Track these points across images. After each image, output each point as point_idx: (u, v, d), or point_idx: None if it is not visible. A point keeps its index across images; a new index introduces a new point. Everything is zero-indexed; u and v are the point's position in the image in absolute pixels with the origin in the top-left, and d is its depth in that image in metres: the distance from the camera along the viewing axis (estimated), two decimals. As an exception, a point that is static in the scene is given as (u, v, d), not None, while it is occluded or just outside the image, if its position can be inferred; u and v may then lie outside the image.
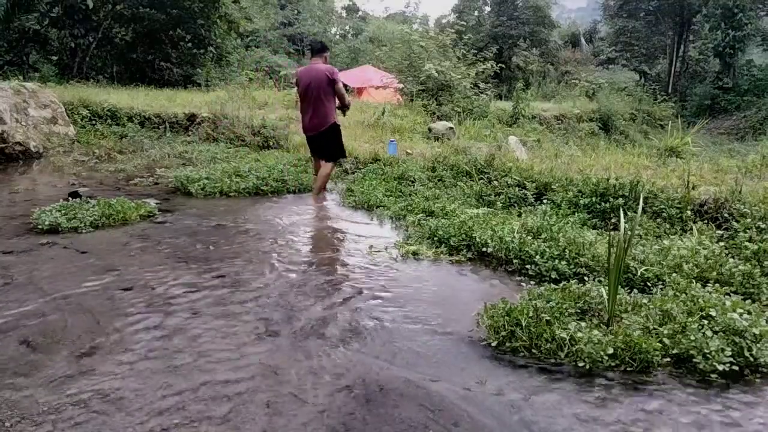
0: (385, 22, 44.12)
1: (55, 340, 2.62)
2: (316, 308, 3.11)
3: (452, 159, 6.86)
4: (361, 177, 6.75)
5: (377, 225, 5.05)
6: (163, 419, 2.05)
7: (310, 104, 5.83)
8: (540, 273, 3.63)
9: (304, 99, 5.88)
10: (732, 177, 5.73)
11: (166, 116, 10.28)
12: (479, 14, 35.12)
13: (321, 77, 5.72)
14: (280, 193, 6.20)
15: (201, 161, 7.65)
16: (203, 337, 2.71)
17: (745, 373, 2.47)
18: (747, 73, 27.12)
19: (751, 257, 3.61)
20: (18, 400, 2.14)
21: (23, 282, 3.33)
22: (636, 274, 3.42)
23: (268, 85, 15.84)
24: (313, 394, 2.25)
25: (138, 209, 4.95)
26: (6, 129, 7.55)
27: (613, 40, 32.55)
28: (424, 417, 2.12)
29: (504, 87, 24.25)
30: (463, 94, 14.22)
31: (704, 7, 26.96)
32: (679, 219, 4.59)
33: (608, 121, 19.37)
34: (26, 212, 4.86)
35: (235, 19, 17.75)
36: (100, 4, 15.40)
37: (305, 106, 5.90)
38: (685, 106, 27.10)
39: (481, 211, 4.91)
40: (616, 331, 2.68)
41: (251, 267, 3.76)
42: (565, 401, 2.27)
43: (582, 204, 5.02)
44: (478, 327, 2.86)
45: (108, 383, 2.27)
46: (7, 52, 15.05)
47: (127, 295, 3.18)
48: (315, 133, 5.95)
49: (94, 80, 14.78)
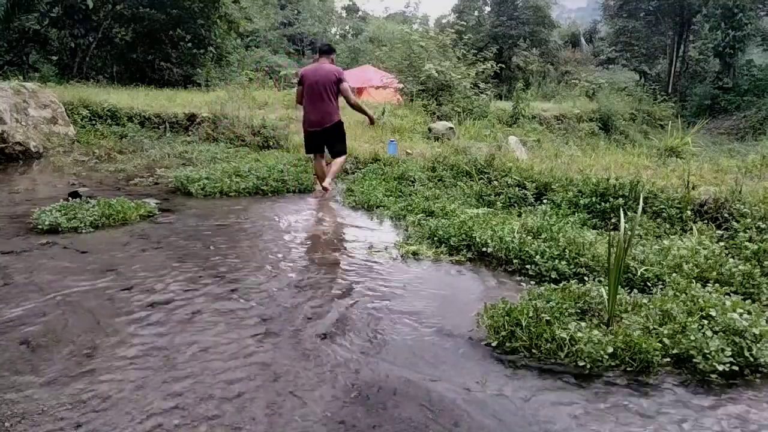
0: (385, 22, 44.14)
1: (55, 340, 2.62)
2: (316, 308, 3.11)
3: (452, 159, 6.86)
4: (361, 177, 6.76)
5: (377, 225, 5.05)
6: (163, 419, 2.05)
7: (315, 101, 5.95)
8: (540, 273, 3.63)
9: (309, 96, 5.98)
10: (732, 177, 5.73)
11: (166, 116, 10.27)
12: (479, 14, 35.13)
13: (329, 77, 5.90)
14: (280, 193, 6.20)
15: (201, 161, 7.65)
16: (203, 337, 2.71)
17: (745, 373, 2.47)
18: (747, 73, 27.13)
19: (751, 257, 3.61)
20: (18, 400, 2.14)
21: (23, 282, 3.33)
22: (636, 274, 3.42)
23: (268, 85, 15.84)
24: (313, 394, 2.25)
25: (138, 209, 4.95)
26: (6, 129, 7.56)
27: (613, 40, 32.55)
28: (424, 417, 2.12)
29: (504, 87, 24.25)
30: (463, 94, 14.21)
31: (704, 7, 26.96)
32: (679, 219, 4.59)
33: (608, 121, 19.36)
34: (26, 212, 4.86)
35: (235, 19, 17.75)
36: (100, 4, 15.40)
37: (310, 103, 6.00)
38: (685, 106, 27.10)
39: (481, 211, 4.91)
40: (616, 331, 2.68)
41: (251, 267, 3.76)
42: (564, 401, 2.27)
43: (582, 204, 5.02)
44: (478, 327, 2.86)
45: (108, 383, 2.28)
46: (7, 52, 15.05)
47: (127, 295, 3.18)
48: (319, 128, 6.04)
49: (94, 80, 14.78)
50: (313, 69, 6.07)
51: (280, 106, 12.04)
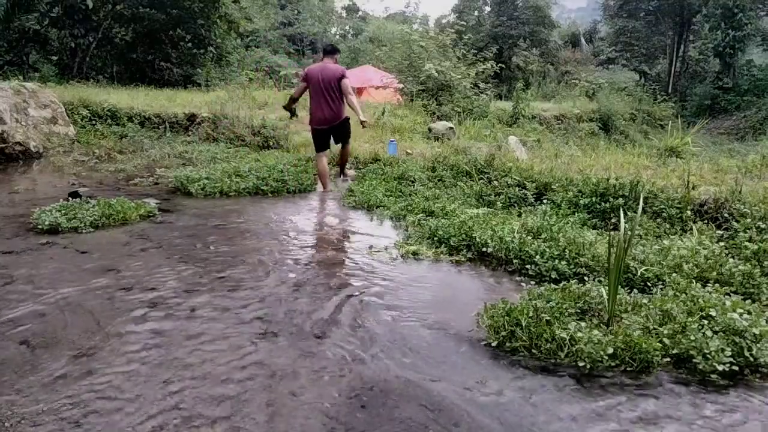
0: (385, 22, 44.13)
1: (55, 340, 2.62)
2: (316, 308, 3.11)
3: (452, 159, 6.86)
4: (361, 177, 6.76)
5: (377, 225, 5.05)
6: (163, 419, 2.05)
7: (322, 99, 6.17)
8: (540, 273, 3.63)
9: (315, 95, 6.21)
10: (732, 177, 5.73)
11: (166, 116, 10.28)
12: (479, 14, 35.11)
13: (334, 75, 6.15)
14: (280, 193, 6.20)
15: (201, 161, 7.65)
16: (203, 337, 2.71)
17: (745, 373, 2.47)
18: (747, 73, 27.11)
19: (751, 257, 3.61)
20: (18, 400, 2.14)
21: (23, 282, 3.33)
22: (636, 274, 3.42)
23: (268, 85, 15.83)
24: (312, 394, 2.25)
25: (138, 209, 4.94)
26: (6, 129, 7.56)
27: (613, 40, 32.53)
28: (424, 417, 2.12)
29: (504, 87, 24.24)
30: (463, 94, 14.21)
31: (704, 7, 26.95)
32: (679, 219, 4.59)
33: (608, 121, 19.36)
34: (26, 212, 4.86)
35: (235, 19, 17.75)
36: (100, 4, 15.40)
37: (315, 102, 6.22)
38: (685, 106, 27.09)
39: (481, 211, 4.91)
40: (616, 331, 2.68)
41: (251, 267, 3.76)
42: (565, 401, 2.27)
43: (582, 204, 5.02)
44: (478, 327, 2.86)
45: (108, 383, 2.28)
46: (7, 52, 15.05)
47: (127, 295, 3.18)
48: (326, 126, 6.29)
49: (94, 80, 14.77)
50: (318, 68, 6.25)
51: (280, 106, 12.03)
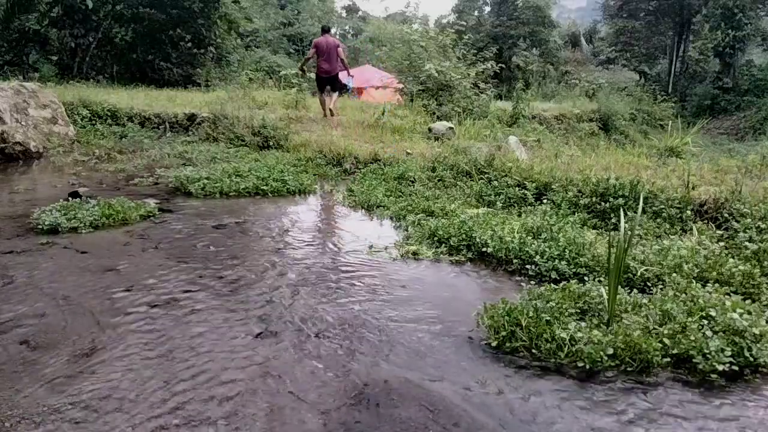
0: (385, 22, 44.04)
1: (55, 340, 2.62)
2: (316, 308, 3.11)
3: (452, 159, 6.85)
4: (361, 177, 6.75)
5: (377, 225, 5.05)
6: (163, 419, 2.05)
7: (326, 58, 10.00)
8: (540, 273, 3.63)
9: (322, 56, 9.98)
10: (732, 177, 5.72)
11: (166, 116, 10.27)
12: (479, 14, 35.10)
13: (334, 44, 10.13)
14: (280, 193, 6.19)
15: (201, 161, 7.64)
16: (203, 337, 2.71)
17: (745, 373, 2.47)
18: (747, 73, 27.11)
19: (751, 257, 3.61)
20: (18, 400, 2.14)
21: (23, 282, 3.33)
22: (636, 274, 3.42)
23: (268, 85, 15.82)
24: (313, 394, 2.25)
25: (138, 209, 4.94)
26: (6, 129, 7.55)
27: (613, 40, 32.51)
28: (424, 417, 2.12)
29: (504, 87, 24.18)
30: (463, 94, 14.18)
31: (704, 7, 26.95)
32: (679, 219, 4.59)
33: (608, 121, 19.34)
34: (26, 212, 4.86)
35: (235, 19, 17.74)
36: (100, 4, 15.39)
37: (323, 59, 10.01)
38: (685, 106, 27.07)
39: (481, 211, 4.91)
40: (616, 331, 2.68)
41: (251, 267, 3.76)
42: (565, 401, 2.27)
43: (582, 204, 5.02)
44: (478, 327, 2.86)
45: (108, 383, 2.28)
46: (7, 52, 15.04)
47: (127, 295, 3.18)
48: (326, 75, 10.15)
49: (94, 80, 14.75)
50: (323, 39, 10.08)
51: (280, 106, 12.02)
